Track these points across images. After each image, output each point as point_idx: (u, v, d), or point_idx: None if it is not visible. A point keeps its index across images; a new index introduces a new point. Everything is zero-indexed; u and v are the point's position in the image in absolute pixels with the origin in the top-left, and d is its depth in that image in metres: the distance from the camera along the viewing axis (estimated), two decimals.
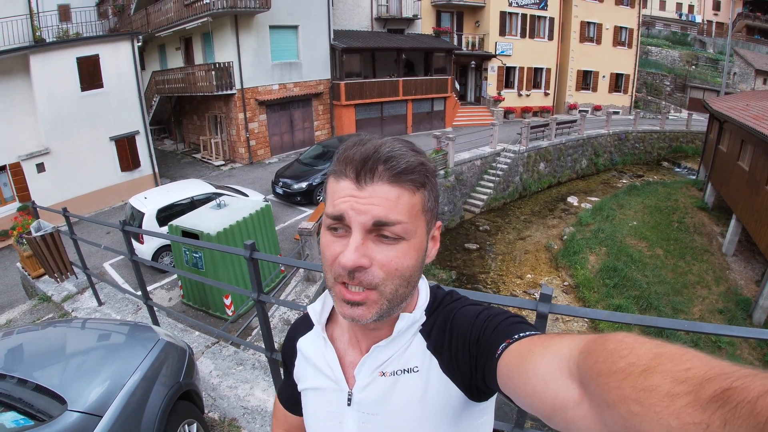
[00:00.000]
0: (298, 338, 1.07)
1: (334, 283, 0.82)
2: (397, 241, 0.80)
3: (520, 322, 0.79)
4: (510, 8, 26.28)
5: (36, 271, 7.06)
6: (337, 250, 0.80)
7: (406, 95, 23.13)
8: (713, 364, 0.42)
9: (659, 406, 0.40)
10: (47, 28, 16.59)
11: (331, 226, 0.82)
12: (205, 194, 11.11)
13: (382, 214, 0.78)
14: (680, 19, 46.87)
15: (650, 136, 25.73)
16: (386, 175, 0.79)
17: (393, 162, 0.79)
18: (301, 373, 1.04)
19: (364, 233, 0.79)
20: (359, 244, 0.78)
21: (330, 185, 0.84)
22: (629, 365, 0.46)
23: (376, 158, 0.79)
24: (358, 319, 0.82)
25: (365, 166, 0.79)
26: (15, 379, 2.60)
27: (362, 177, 0.79)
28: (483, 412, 0.92)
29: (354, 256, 0.77)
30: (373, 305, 0.81)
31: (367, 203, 0.78)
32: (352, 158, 0.80)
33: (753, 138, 13.06)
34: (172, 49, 21.60)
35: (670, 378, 0.42)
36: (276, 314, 8.41)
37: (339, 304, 0.83)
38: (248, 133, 19.05)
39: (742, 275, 14.04)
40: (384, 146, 0.80)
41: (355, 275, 0.79)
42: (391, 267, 0.80)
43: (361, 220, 0.78)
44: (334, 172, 0.83)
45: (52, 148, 13.75)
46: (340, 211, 0.79)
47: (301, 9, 19.49)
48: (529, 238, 16.40)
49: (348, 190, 0.79)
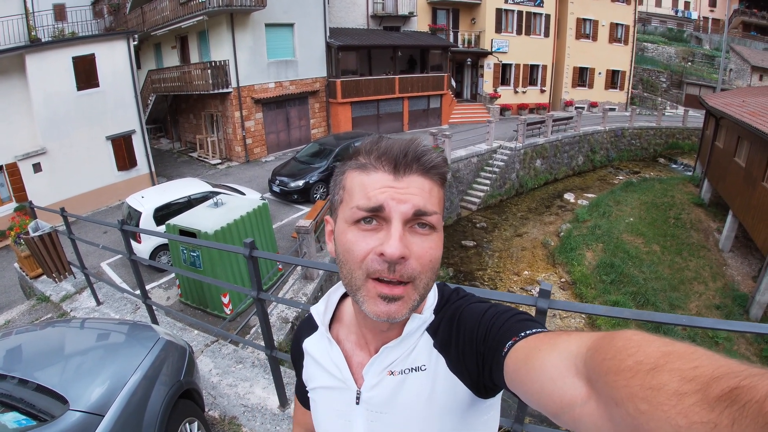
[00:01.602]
0: (304, 339, 1.07)
1: (365, 280, 0.80)
2: (430, 232, 0.81)
3: (527, 320, 0.80)
4: (506, 5, 26.27)
5: (34, 272, 7.04)
6: (371, 243, 0.79)
7: (402, 93, 23.11)
8: (721, 362, 0.41)
9: (667, 405, 0.40)
10: (43, 28, 16.49)
11: (363, 218, 0.80)
12: (202, 193, 11.09)
13: (422, 203, 0.79)
14: (676, 16, 46.93)
15: (646, 133, 25.79)
16: (421, 168, 0.81)
17: (426, 157, 0.81)
18: (310, 374, 1.04)
19: (403, 224, 0.79)
20: (402, 234, 0.78)
21: (355, 178, 0.83)
22: (637, 363, 0.46)
23: (414, 152, 0.81)
24: (393, 316, 0.80)
25: (405, 159, 0.80)
26: (16, 379, 2.60)
27: (400, 168, 0.80)
28: (489, 408, 0.92)
29: (400, 245, 0.76)
30: (408, 300, 0.80)
31: (407, 193, 0.79)
32: (387, 151, 0.81)
33: (749, 134, 13.11)
34: (167, 48, 21.53)
35: (678, 376, 0.42)
36: (274, 312, 8.42)
37: (372, 302, 0.80)
38: (245, 132, 19.02)
39: (738, 271, 14.10)
40: (412, 142, 0.82)
41: (396, 268, 0.78)
42: (426, 259, 0.80)
43: (403, 209, 0.78)
44: (362, 165, 0.83)
45: (49, 148, 13.70)
46: (378, 202, 0.78)
47: (296, 7, 19.45)
48: (526, 234, 16.43)
49: (384, 182, 0.80)
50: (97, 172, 15.10)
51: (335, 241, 0.87)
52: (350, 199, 0.82)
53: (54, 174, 13.90)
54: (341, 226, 0.84)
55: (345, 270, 0.83)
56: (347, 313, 1.01)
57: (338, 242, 0.84)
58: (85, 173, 14.71)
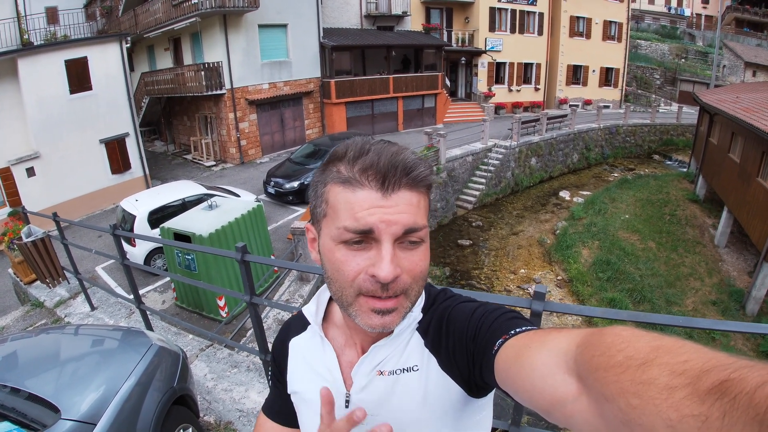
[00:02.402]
0: (291, 338, 1.05)
1: (356, 297, 0.80)
2: (418, 245, 0.80)
3: (516, 318, 0.80)
4: (499, 4, 26.32)
5: (28, 277, 7.00)
6: (361, 264, 0.77)
7: (396, 92, 23.11)
8: (710, 355, 0.42)
9: (658, 399, 0.40)
10: (35, 31, 16.47)
11: (352, 240, 0.78)
12: (196, 195, 11.06)
13: (412, 221, 0.77)
14: (669, 13, 47.17)
15: (641, 130, 25.88)
16: (409, 183, 0.78)
17: (413, 170, 0.78)
18: (295, 374, 1.03)
19: (393, 243, 0.77)
20: (393, 255, 0.77)
21: (340, 195, 0.79)
22: (627, 358, 0.46)
23: (401, 167, 0.77)
24: (388, 326, 0.81)
25: (393, 176, 0.77)
26: (8, 388, 2.58)
27: (388, 186, 0.77)
28: (482, 407, 0.92)
29: (391, 268, 0.75)
30: (402, 309, 0.81)
31: (396, 212, 0.76)
32: (371, 167, 0.77)
33: (743, 130, 13.16)
34: (160, 50, 21.46)
35: (668, 370, 0.42)
36: (270, 315, 8.40)
37: (366, 316, 0.80)
38: (239, 133, 18.97)
39: (734, 266, 14.16)
40: (399, 154, 0.78)
41: (389, 286, 0.77)
42: (416, 271, 0.80)
43: (392, 231, 0.76)
44: (346, 180, 0.78)
45: (42, 152, 13.62)
46: (367, 225, 0.76)
47: (290, 8, 19.42)
48: (522, 233, 16.45)
49: (371, 201, 0.76)
50: (90, 175, 15.02)
51: (321, 256, 0.85)
52: (336, 217, 0.79)
53: (48, 178, 13.83)
54: (327, 243, 0.82)
55: (335, 287, 0.82)
56: (336, 313, 0.99)
57: (326, 259, 0.83)
58: (79, 177, 14.63)
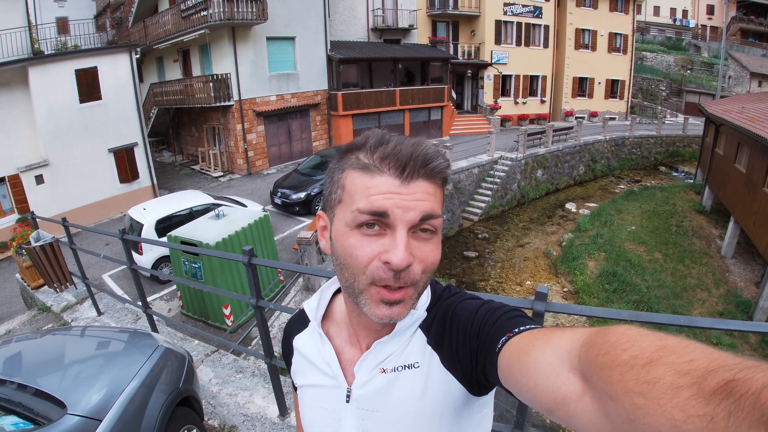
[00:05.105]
0: (294, 336, 1.06)
1: (367, 285, 0.79)
2: (432, 236, 0.80)
3: (520, 316, 0.80)
4: (505, 17, 26.44)
5: (35, 282, 7.05)
6: (375, 250, 0.77)
7: (403, 105, 23.21)
8: (716, 356, 0.42)
9: (663, 399, 0.40)
10: (46, 41, 16.72)
11: (366, 222, 0.77)
12: (203, 205, 11.13)
13: (429, 208, 0.77)
14: (674, 24, 47.26)
15: (647, 141, 25.78)
16: (428, 173, 0.78)
17: (432, 161, 0.78)
18: (298, 371, 1.04)
19: (408, 231, 0.77)
20: (407, 242, 0.76)
21: (357, 180, 0.79)
22: (632, 358, 0.46)
23: (421, 157, 0.78)
24: (396, 318, 0.80)
25: (414, 164, 0.77)
26: (15, 384, 2.61)
27: (408, 174, 0.77)
28: (483, 406, 0.91)
29: (405, 255, 0.75)
30: (409, 301, 0.80)
31: (414, 200, 0.76)
32: (391, 155, 0.78)
33: (749, 140, 13.12)
34: (169, 61, 21.73)
35: (673, 370, 0.42)
36: (275, 323, 8.41)
37: (375, 306, 0.79)
38: (246, 144, 19.10)
39: (741, 277, 14.04)
40: (419, 145, 0.79)
41: (401, 275, 0.76)
42: (428, 262, 0.79)
43: (409, 217, 0.76)
44: (365, 166, 0.79)
45: (51, 160, 13.78)
46: (382, 208, 0.76)
47: (297, 20, 19.63)
48: (528, 245, 16.39)
49: (389, 187, 0.77)
50: (99, 184, 15.17)
51: (333, 242, 0.84)
52: (351, 202, 0.79)
53: (56, 186, 13.98)
54: (341, 228, 0.81)
55: (346, 274, 0.81)
56: (339, 310, 1.00)
57: (337, 245, 0.82)
58: (87, 185, 14.79)
